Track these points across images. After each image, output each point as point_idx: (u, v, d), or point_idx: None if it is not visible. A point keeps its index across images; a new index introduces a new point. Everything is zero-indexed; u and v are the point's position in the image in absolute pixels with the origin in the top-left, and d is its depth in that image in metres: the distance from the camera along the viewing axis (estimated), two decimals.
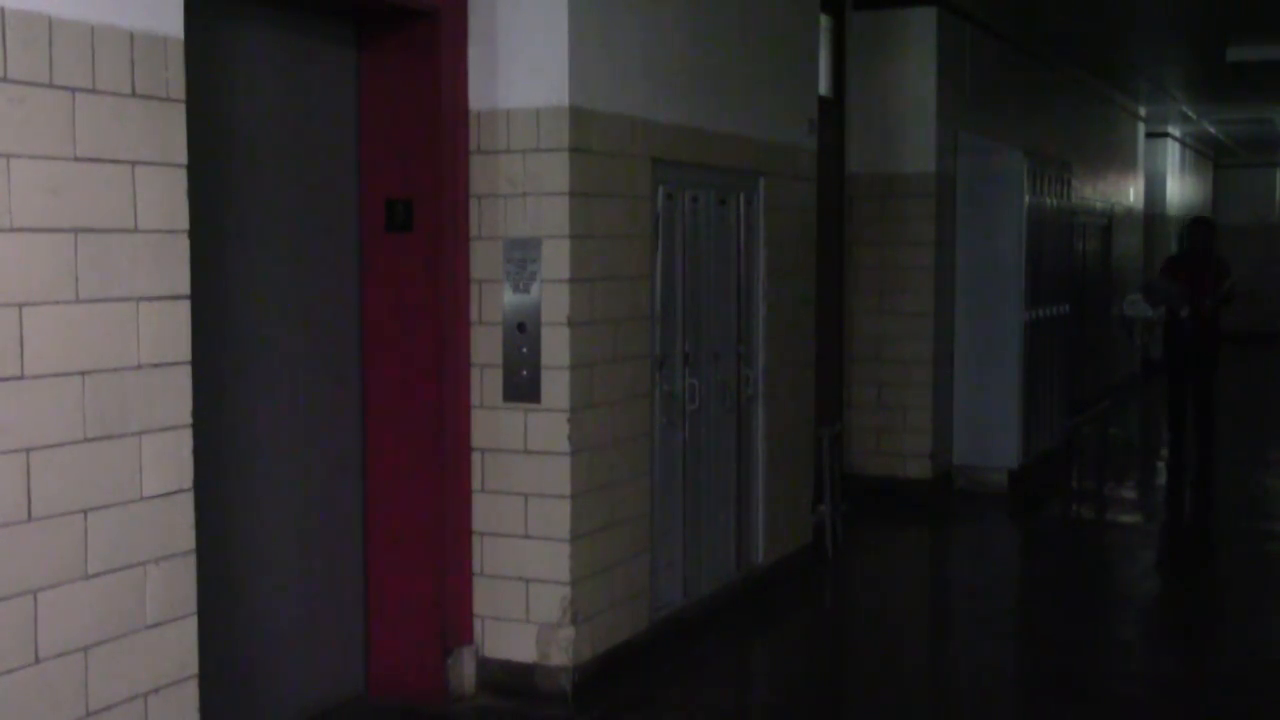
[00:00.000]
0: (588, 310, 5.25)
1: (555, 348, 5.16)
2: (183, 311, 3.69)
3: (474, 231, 5.26)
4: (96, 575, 3.45)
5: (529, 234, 5.17)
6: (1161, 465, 11.59)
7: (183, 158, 3.67)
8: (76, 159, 3.38)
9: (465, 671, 5.27)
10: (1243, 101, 16.55)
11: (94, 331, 3.43)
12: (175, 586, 3.67)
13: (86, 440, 3.41)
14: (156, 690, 3.62)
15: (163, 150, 3.60)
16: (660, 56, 5.76)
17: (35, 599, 3.30)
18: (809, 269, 7.41)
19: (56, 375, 3.34)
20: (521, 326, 5.19)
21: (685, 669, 5.79)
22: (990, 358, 9.69)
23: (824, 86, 8.34)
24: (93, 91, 3.41)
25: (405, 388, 5.17)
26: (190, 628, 3.73)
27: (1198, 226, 11.17)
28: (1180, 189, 21.12)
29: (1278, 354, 22.63)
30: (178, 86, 3.65)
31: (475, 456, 5.29)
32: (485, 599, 5.31)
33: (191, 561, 3.73)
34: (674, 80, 5.87)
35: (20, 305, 3.25)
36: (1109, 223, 15.33)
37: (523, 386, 5.20)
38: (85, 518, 3.42)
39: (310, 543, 5.02)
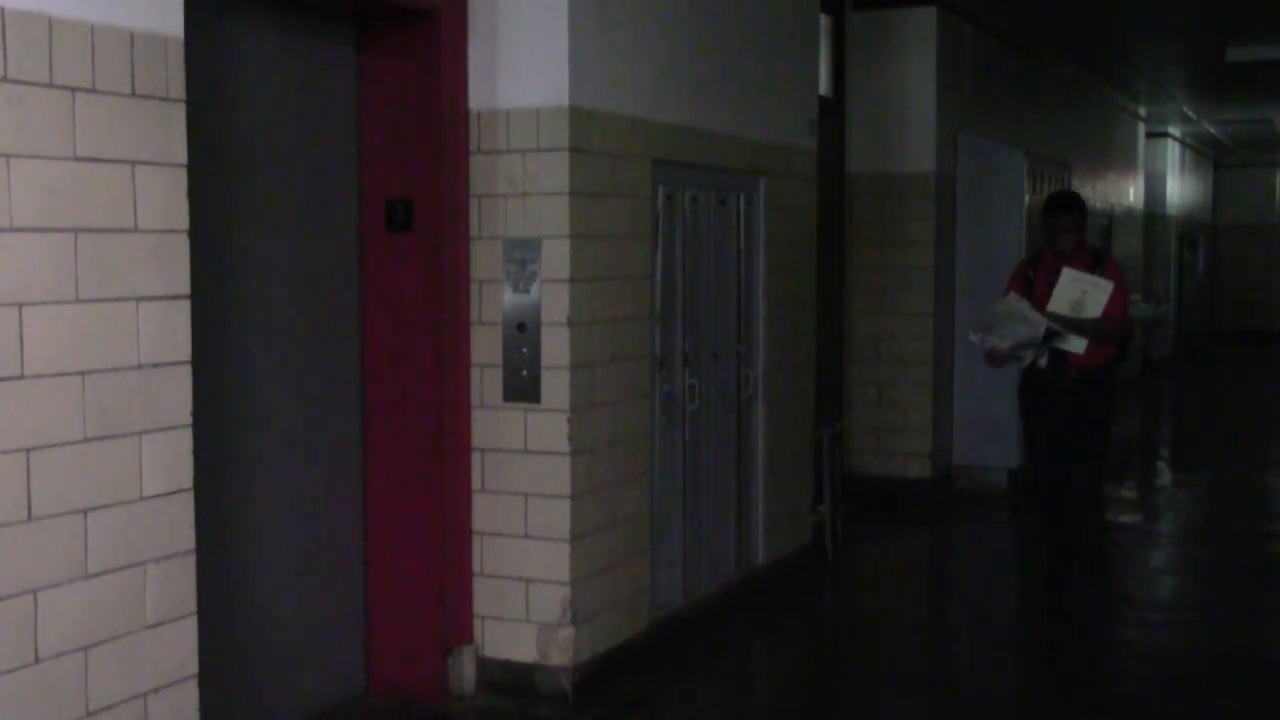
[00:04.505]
0: (588, 310, 5.25)
1: (555, 348, 5.15)
2: (183, 311, 3.69)
3: (474, 231, 5.26)
4: (96, 575, 3.45)
5: (529, 234, 5.16)
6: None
7: (183, 158, 3.67)
8: (76, 159, 3.38)
9: (465, 671, 5.27)
10: (1243, 101, 16.55)
11: (94, 331, 3.43)
12: (175, 586, 3.67)
13: (86, 440, 3.41)
14: (156, 690, 3.62)
15: (163, 150, 3.60)
16: (660, 56, 5.76)
17: (35, 599, 3.30)
18: (809, 269, 7.41)
19: (56, 375, 3.34)
20: (521, 326, 5.19)
21: (685, 669, 5.79)
22: None
23: (824, 86, 8.34)
24: (93, 91, 3.41)
25: (405, 388, 5.17)
26: (190, 628, 3.73)
27: (1056, 208, 6.67)
28: (1180, 189, 21.12)
29: (1277, 355, 22.62)
30: (178, 86, 3.65)
31: (475, 456, 5.29)
32: (485, 599, 5.31)
33: (191, 561, 3.73)
34: (674, 80, 5.87)
35: (20, 305, 3.25)
36: (1109, 223, 15.34)
37: (523, 386, 5.20)
38: (85, 518, 3.42)
39: (310, 543, 5.02)
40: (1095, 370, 6.57)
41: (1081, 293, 6.42)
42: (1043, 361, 6.56)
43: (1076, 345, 6.42)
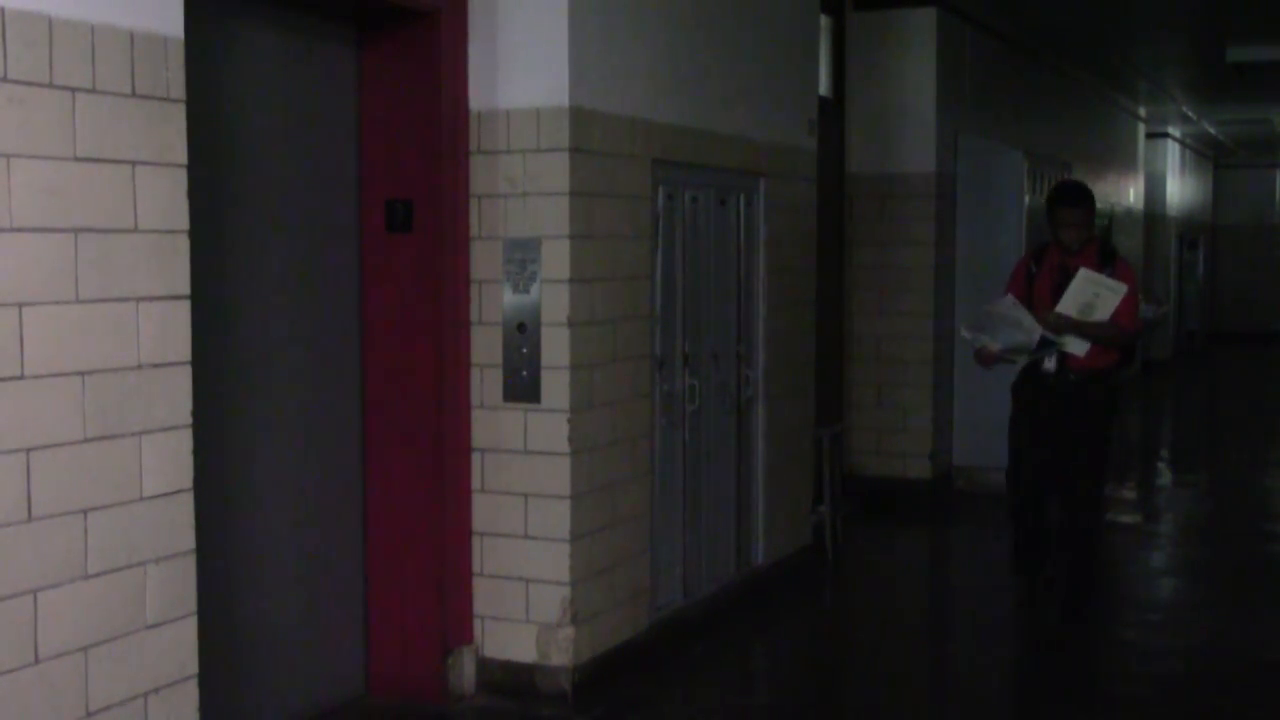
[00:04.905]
0: (588, 310, 5.25)
1: (555, 348, 5.15)
2: (183, 311, 3.69)
3: (474, 231, 5.26)
4: (96, 575, 3.45)
5: (529, 234, 5.16)
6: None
7: (183, 158, 3.67)
8: (76, 159, 3.38)
9: (465, 671, 5.27)
10: (1243, 102, 16.55)
11: (94, 331, 3.43)
12: (175, 586, 3.67)
13: (86, 440, 3.41)
14: (156, 690, 3.62)
15: (163, 150, 3.60)
16: (660, 56, 5.76)
17: (35, 599, 3.30)
18: (809, 269, 7.41)
19: (56, 375, 3.34)
20: (521, 326, 5.19)
21: (685, 669, 5.79)
22: None
23: (824, 86, 8.34)
24: (93, 91, 3.41)
25: (405, 388, 5.17)
26: (190, 628, 3.73)
27: (1061, 200, 6.28)
28: (1180, 189, 21.13)
29: (1277, 355, 22.62)
30: (178, 86, 3.65)
31: (475, 456, 5.29)
32: (485, 599, 5.31)
33: (191, 561, 3.73)
34: (674, 80, 5.87)
35: (20, 305, 3.25)
36: (1109, 223, 15.34)
37: (523, 386, 5.20)
38: (85, 518, 3.42)
39: (310, 542, 5.02)
40: (1096, 374, 6.16)
41: (1094, 295, 6.08)
42: (1050, 364, 6.16)
43: (1078, 347, 6.12)
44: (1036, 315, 6.14)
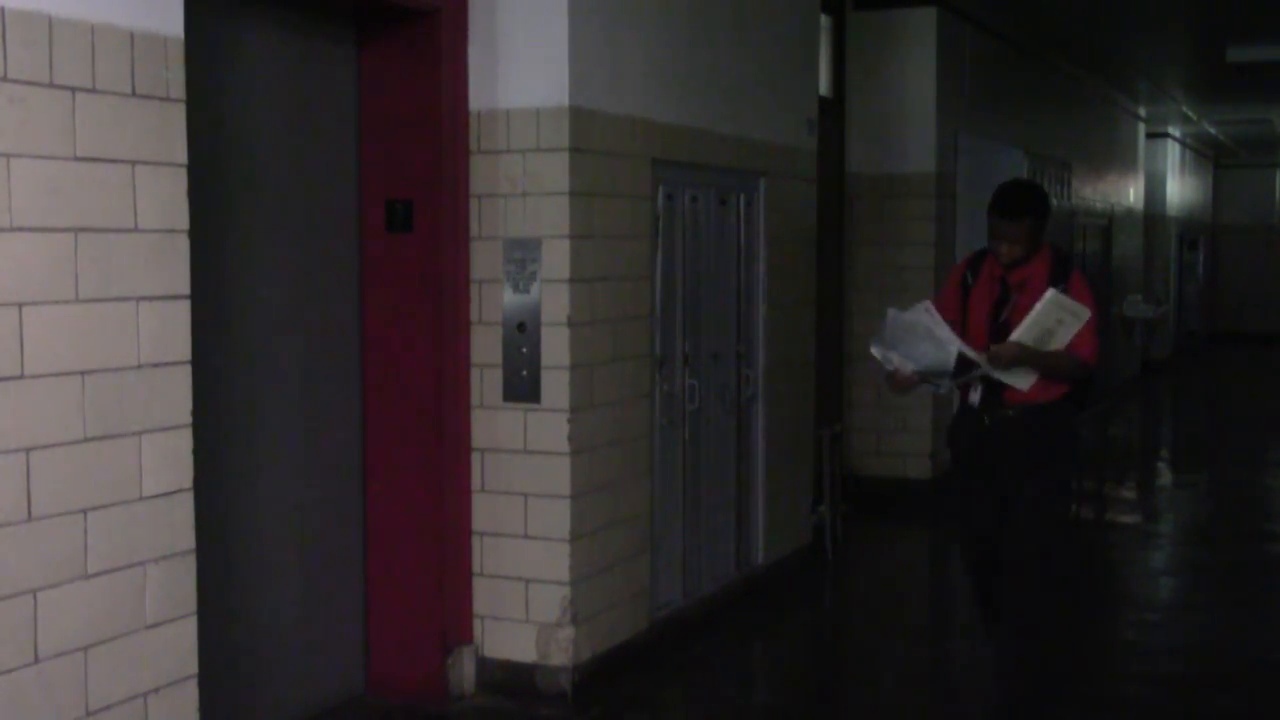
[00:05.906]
0: (588, 310, 5.25)
1: (555, 348, 5.15)
2: (183, 311, 3.69)
3: (474, 231, 5.26)
4: (96, 575, 3.45)
5: (529, 234, 5.17)
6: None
7: (183, 158, 3.67)
8: (76, 159, 3.38)
9: (465, 671, 5.27)
10: (1243, 102, 16.55)
11: (94, 331, 3.43)
12: (175, 586, 3.67)
13: (86, 440, 3.41)
14: (156, 690, 3.62)
15: (163, 150, 3.60)
16: (660, 56, 5.76)
17: (35, 599, 3.30)
18: (809, 269, 7.41)
19: (56, 375, 3.34)
20: (521, 326, 5.19)
21: (685, 669, 5.79)
22: None
23: (824, 86, 8.34)
24: (93, 91, 3.41)
25: (405, 387, 5.17)
26: (190, 628, 3.73)
27: (999, 211, 4.92)
28: (1180, 189, 21.12)
29: (1277, 355, 22.61)
30: (178, 86, 3.65)
31: (475, 456, 5.29)
32: (485, 599, 5.31)
33: (191, 561, 3.73)
34: (674, 80, 5.87)
35: (20, 305, 3.25)
36: (1109, 223, 15.35)
37: (523, 386, 5.20)
38: (85, 518, 3.42)
39: (310, 543, 5.02)
40: (1042, 410, 4.92)
41: (1057, 322, 4.86)
42: (974, 396, 5.00)
43: (1023, 380, 4.90)
44: (988, 345, 4.89)
